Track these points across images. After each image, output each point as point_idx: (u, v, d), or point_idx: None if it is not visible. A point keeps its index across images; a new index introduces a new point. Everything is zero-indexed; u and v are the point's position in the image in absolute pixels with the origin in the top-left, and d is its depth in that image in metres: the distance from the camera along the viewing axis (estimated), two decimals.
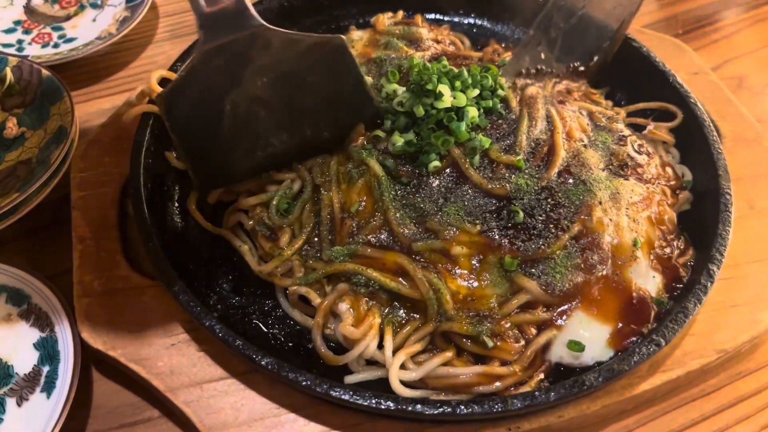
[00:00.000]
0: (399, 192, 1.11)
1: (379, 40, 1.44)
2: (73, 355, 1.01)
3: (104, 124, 1.32)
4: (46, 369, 1.02)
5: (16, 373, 1.03)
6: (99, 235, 1.16)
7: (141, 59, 1.62)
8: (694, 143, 1.27)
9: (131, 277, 1.11)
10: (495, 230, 1.07)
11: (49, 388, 1.00)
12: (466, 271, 1.06)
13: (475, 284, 1.05)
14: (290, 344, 1.07)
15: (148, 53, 1.63)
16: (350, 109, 1.18)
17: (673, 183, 1.24)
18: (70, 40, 1.60)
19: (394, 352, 1.01)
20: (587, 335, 1.03)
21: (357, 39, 1.46)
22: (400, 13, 1.56)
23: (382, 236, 1.09)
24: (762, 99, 1.58)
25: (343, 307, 1.04)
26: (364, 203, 1.12)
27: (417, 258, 1.07)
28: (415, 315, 1.05)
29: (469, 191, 1.09)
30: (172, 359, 1.02)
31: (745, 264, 1.16)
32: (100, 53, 1.57)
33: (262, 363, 0.94)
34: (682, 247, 1.16)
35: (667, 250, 1.14)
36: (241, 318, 1.09)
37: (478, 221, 1.07)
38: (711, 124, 1.27)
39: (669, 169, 1.26)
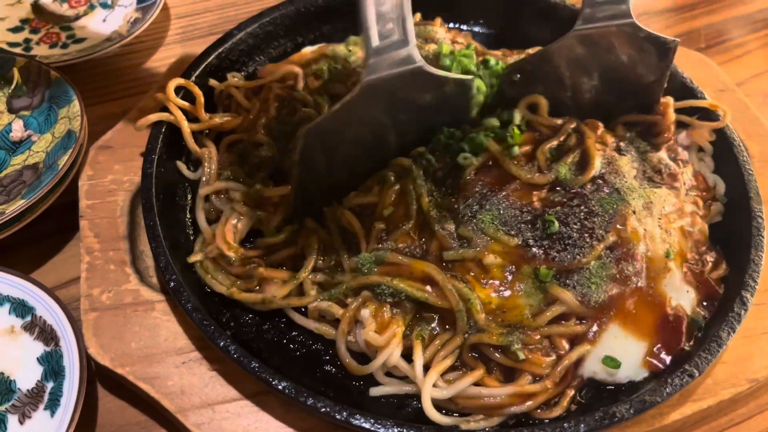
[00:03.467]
0: (435, 194, 1.10)
1: None
2: (78, 371, 0.97)
3: (114, 130, 1.28)
4: (50, 385, 0.98)
5: (19, 389, 0.99)
6: (107, 247, 1.12)
7: (152, 61, 1.58)
8: (724, 164, 1.23)
9: (141, 291, 1.07)
10: (530, 240, 1.04)
11: (53, 405, 0.96)
12: (497, 281, 1.03)
13: (508, 294, 1.02)
14: (306, 365, 1.03)
15: (160, 55, 1.60)
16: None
17: (705, 193, 1.21)
18: (79, 40, 1.55)
19: (425, 367, 0.98)
20: (622, 351, 1.00)
21: None
22: (418, 15, 1.52)
23: (413, 244, 1.07)
24: None
25: (366, 313, 1.01)
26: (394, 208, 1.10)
27: (447, 265, 1.04)
28: (443, 327, 1.02)
29: (505, 200, 1.07)
30: (183, 378, 0.98)
31: None
32: (110, 55, 1.53)
33: (279, 387, 0.91)
34: (714, 260, 1.13)
35: (700, 263, 1.11)
36: (255, 336, 1.05)
37: (513, 232, 1.04)
38: (741, 144, 1.23)
39: (701, 179, 1.23)
